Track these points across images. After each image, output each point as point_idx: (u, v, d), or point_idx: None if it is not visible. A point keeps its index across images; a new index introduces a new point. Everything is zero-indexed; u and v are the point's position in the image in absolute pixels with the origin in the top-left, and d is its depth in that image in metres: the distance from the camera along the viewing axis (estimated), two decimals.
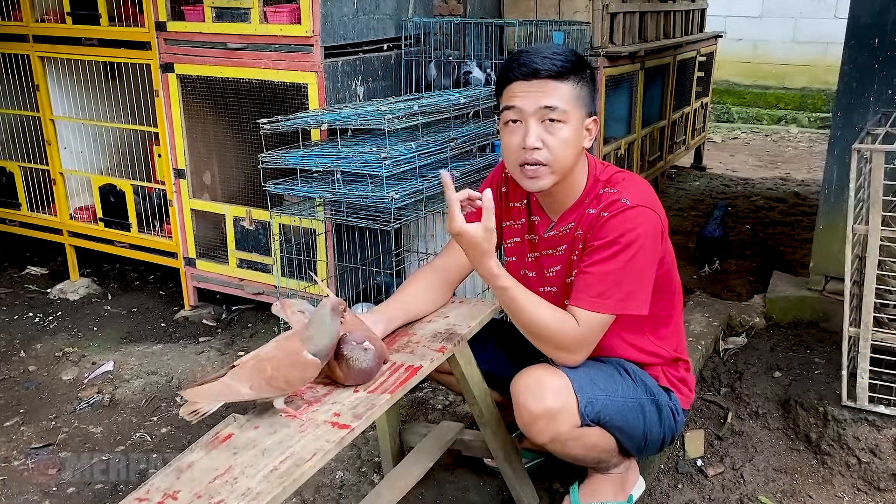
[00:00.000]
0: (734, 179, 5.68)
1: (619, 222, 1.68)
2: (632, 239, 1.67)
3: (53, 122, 3.57)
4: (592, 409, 1.70)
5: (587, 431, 1.72)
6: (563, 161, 1.68)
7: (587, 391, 1.69)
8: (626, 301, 1.68)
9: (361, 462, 2.32)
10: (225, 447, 1.43)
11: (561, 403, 1.67)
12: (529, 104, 1.65)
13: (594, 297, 1.66)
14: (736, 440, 2.42)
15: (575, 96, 1.66)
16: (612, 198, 1.72)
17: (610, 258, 1.67)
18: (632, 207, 1.69)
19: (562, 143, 1.66)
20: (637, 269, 1.68)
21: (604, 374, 1.75)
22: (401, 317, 1.82)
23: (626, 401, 1.75)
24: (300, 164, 2.54)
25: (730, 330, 3.00)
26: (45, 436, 2.59)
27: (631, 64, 3.98)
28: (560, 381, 1.68)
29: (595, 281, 1.67)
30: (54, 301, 3.70)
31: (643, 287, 1.70)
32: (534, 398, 1.67)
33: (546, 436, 1.69)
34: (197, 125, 3.29)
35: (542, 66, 1.63)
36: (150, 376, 2.94)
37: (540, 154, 1.67)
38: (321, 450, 1.39)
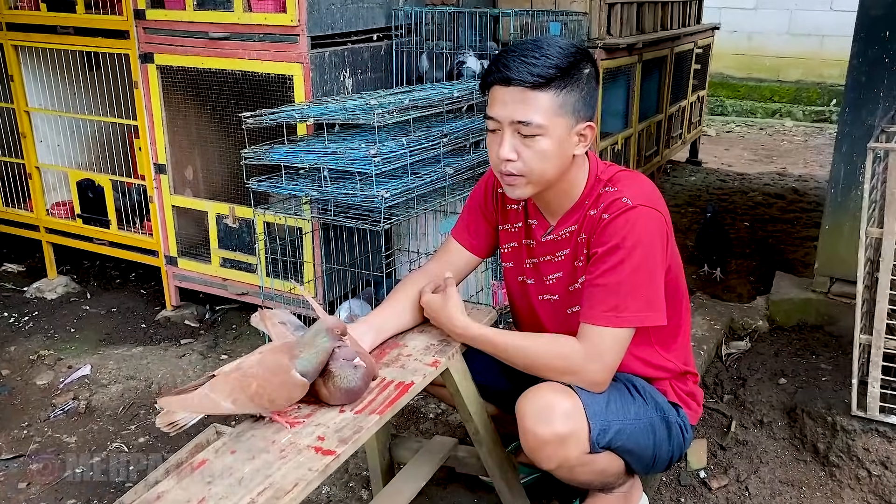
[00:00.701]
0: (730, 174, 5.58)
1: (621, 224, 1.56)
2: (636, 241, 1.55)
3: (28, 115, 3.42)
4: (605, 436, 1.58)
5: (597, 457, 1.61)
6: (539, 174, 1.57)
7: (601, 417, 1.58)
8: (645, 311, 1.56)
9: (349, 476, 2.20)
10: (199, 475, 1.31)
11: (571, 428, 1.55)
12: (505, 115, 1.54)
13: (608, 310, 1.55)
14: (740, 450, 2.33)
15: (557, 105, 1.53)
16: (613, 197, 1.60)
17: (617, 265, 1.55)
18: (633, 208, 1.57)
19: (537, 157, 1.55)
20: (648, 274, 1.56)
21: (617, 395, 1.64)
22: (390, 328, 1.71)
23: (637, 422, 1.64)
24: (285, 160, 2.42)
25: (732, 333, 2.90)
26: (15, 446, 2.46)
27: (628, 56, 3.87)
28: (570, 403, 1.56)
29: (606, 293, 1.55)
30: (31, 300, 3.55)
31: (658, 293, 1.59)
32: (542, 422, 1.55)
33: (554, 462, 1.58)
34: (178, 118, 3.15)
35: (516, 74, 1.51)
36: (129, 381, 2.81)
37: (514, 166, 1.56)
38: (303, 479, 1.27)
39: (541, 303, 1.77)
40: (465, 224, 1.83)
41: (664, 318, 1.60)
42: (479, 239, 1.82)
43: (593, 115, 1.62)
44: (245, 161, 2.50)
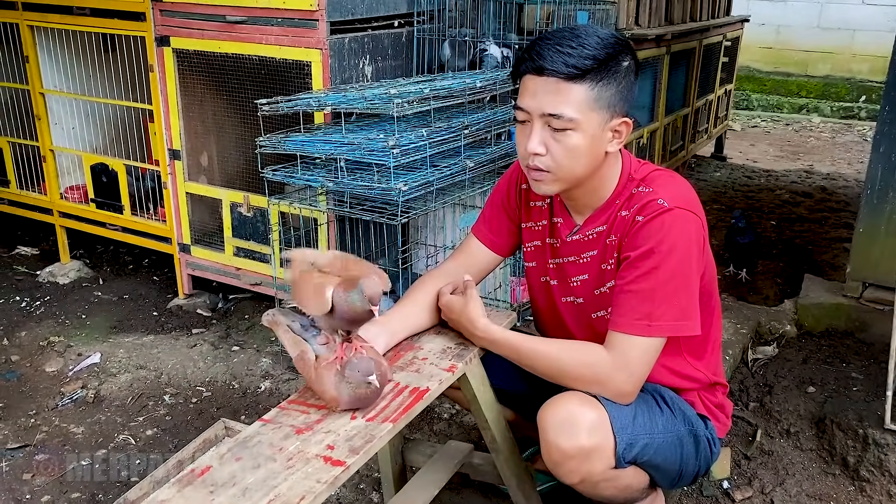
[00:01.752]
0: (756, 171, 5.45)
1: (656, 228, 1.47)
2: (672, 246, 1.46)
3: (44, 96, 3.37)
4: (631, 451, 1.50)
5: (622, 472, 1.52)
6: (567, 170, 1.49)
7: (628, 431, 1.49)
8: (680, 320, 1.48)
9: (360, 478, 2.14)
10: (201, 484, 1.24)
11: (596, 442, 1.46)
12: (535, 106, 1.45)
13: (640, 318, 1.46)
14: (765, 461, 2.24)
15: (592, 99, 1.43)
16: (648, 198, 1.51)
17: (651, 271, 1.46)
18: (669, 210, 1.47)
19: (567, 152, 1.46)
20: (683, 281, 1.47)
21: (644, 408, 1.55)
22: (404, 330, 1.63)
23: (665, 436, 1.55)
24: (301, 149, 2.34)
25: (758, 338, 2.80)
26: (22, 435, 2.41)
27: (656, 48, 3.76)
28: (595, 415, 1.47)
29: (639, 300, 1.46)
30: (43, 284, 3.51)
31: (693, 301, 1.50)
32: (566, 435, 1.46)
33: (577, 477, 1.50)
34: (194, 103, 3.08)
35: (550, 64, 1.42)
36: (139, 371, 2.76)
37: (542, 161, 1.48)
38: (311, 492, 1.20)
39: (565, 305, 1.68)
40: (487, 220, 1.75)
41: (698, 327, 1.51)
42: (500, 237, 1.74)
43: (630, 110, 1.53)
44: (260, 149, 2.43)
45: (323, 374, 1.38)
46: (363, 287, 1.35)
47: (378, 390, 1.38)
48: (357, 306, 1.36)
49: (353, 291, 1.36)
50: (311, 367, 1.41)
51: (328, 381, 1.37)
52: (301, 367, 1.44)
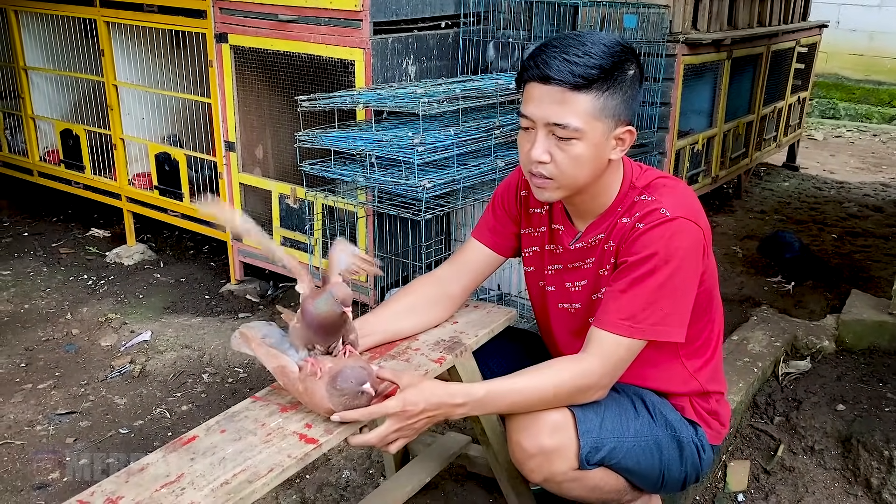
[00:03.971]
0: (828, 182, 5.25)
1: (657, 236, 1.47)
2: (670, 255, 1.46)
3: (116, 88, 3.59)
4: (596, 454, 1.51)
5: (587, 474, 1.53)
6: (571, 178, 1.49)
7: (593, 434, 1.50)
8: (661, 326, 1.48)
9: (370, 462, 2.21)
10: (185, 451, 1.33)
11: (557, 443, 1.48)
12: (540, 115, 1.46)
13: (624, 319, 1.47)
14: (785, 476, 2.19)
15: (598, 108, 1.44)
16: (650, 207, 1.51)
17: (644, 277, 1.46)
18: (672, 220, 1.47)
19: (571, 161, 1.47)
20: (675, 290, 1.48)
21: (616, 411, 1.55)
22: (379, 336, 1.64)
23: (638, 441, 1.55)
24: (335, 145, 2.43)
25: (794, 352, 2.72)
26: (70, 402, 2.60)
27: (715, 53, 3.68)
28: (559, 417, 1.49)
29: (626, 302, 1.47)
30: (109, 265, 3.75)
31: (681, 310, 1.50)
32: (527, 434, 1.49)
33: (539, 476, 1.52)
34: (250, 98, 3.23)
35: (556, 73, 1.42)
36: (184, 350, 2.92)
37: (545, 168, 1.48)
38: (279, 465, 1.27)
39: (558, 311, 1.70)
40: (486, 222, 1.78)
41: (683, 335, 1.51)
42: (502, 238, 1.76)
43: (634, 118, 1.54)
44: (299, 144, 2.54)
45: (312, 387, 1.37)
46: (333, 292, 1.39)
47: (372, 396, 1.38)
48: (324, 311, 1.39)
49: (321, 298, 1.40)
50: (295, 381, 1.40)
51: (319, 394, 1.36)
52: (284, 381, 1.43)
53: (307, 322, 1.41)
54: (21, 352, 2.93)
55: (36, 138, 4.09)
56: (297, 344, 1.46)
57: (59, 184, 4.08)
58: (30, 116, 4.06)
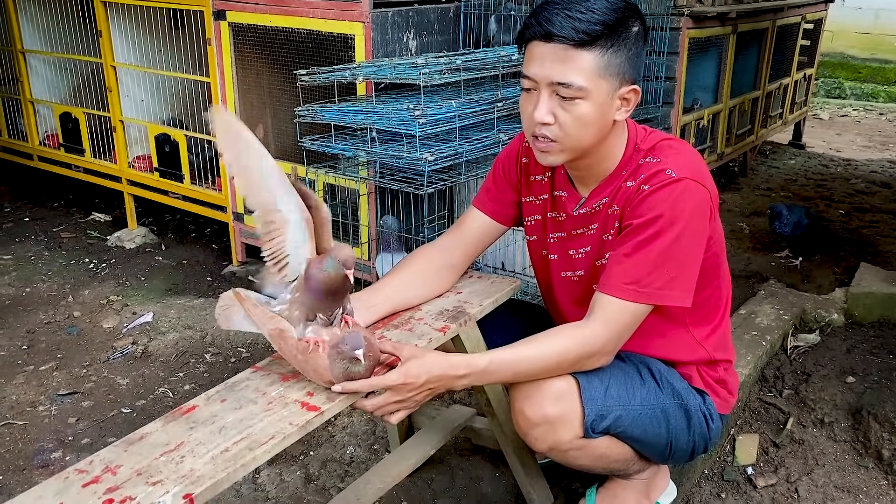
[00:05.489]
0: (835, 160, 5.20)
1: (662, 197, 1.44)
2: (676, 217, 1.42)
3: (115, 69, 3.56)
4: (601, 422, 1.48)
5: (593, 442, 1.51)
6: (575, 140, 1.45)
7: (598, 402, 1.47)
8: (666, 290, 1.44)
9: (375, 439, 2.19)
10: (184, 420, 1.31)
11: (561, 411, 1.46)
12: (543, 74, 1.41)
13: (629, 283, 1.43)
14: (794, 449, 2.16)
15: (602, 66, 1.40)
16: (655, 168, 1.47)
17: (650, 240, 1.43)
18: (677, 181, 1.44)
19: (576, 122, 1.43)
20: (681, 253, 1.44)
21: (622, 379, 1.53)
22: (385, 306, 1.61)
23: (644, 409, 1.53)
24: (336, 119, 2.40)
25: (802, 325, 2.69)
26: (73, 383, 2.58)
27: (721, 27, 3.63)
28: (563, 385, 1.46)
29: (631, 266, 1.44)
30: (111, 248, 3.72)
31: (688, 274, 1.46)
32: (530, 403, 1.46)
33: (544, 445, 1.50)
34: (249, 76, 3.19)
35: (559, 30, 1.38)
36: (186, 330, 2.89)
37: (549, 130, 1.44)
38: (280, 433, 1.25)
39: (561, 280, 1.67)
40: (487, 190, 1.74)
41: (689, 300, 1.47)
42: (503, 206, 1.73)
43: (638, 77, 1.50)
44: (298, 119, 2.50)
45: (314, 357, 1.34)
46: (336, 254, 1.35)
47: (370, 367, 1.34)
48: (331, 273, 1.35)
49: (326, 260, 1.36)
50: (293, 347, 1.36)
51: (320, 364, 1.33)
52: (281, 346, 1.39)
53: (312, 288, 1.38)
54: (23, 334, 2.91)
55: (35, 122, 4.07)
56: (299, 316, 1.42)
57: (60, 168, 4.06)
58: (28, 100, 4.03)
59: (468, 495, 1.96)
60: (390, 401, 1.37)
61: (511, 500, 1.94)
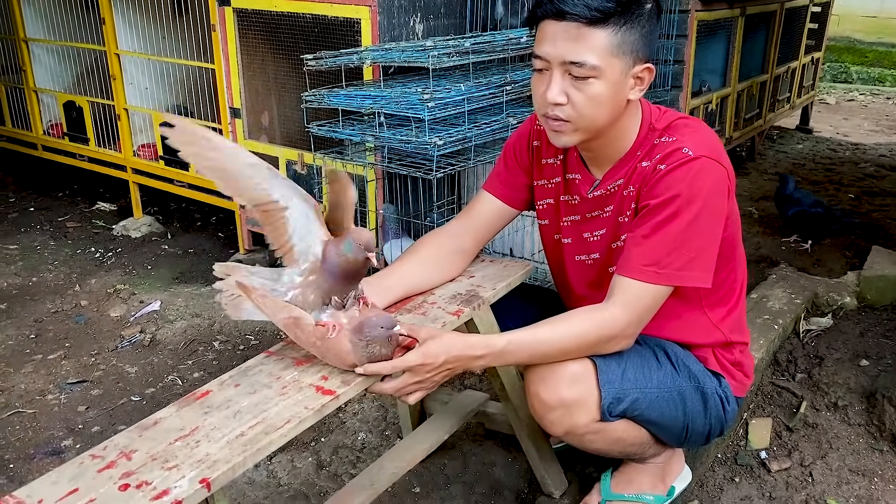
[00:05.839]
0: (843, 144, 5.17)
1: (680, 176, 1.41)
2: (693, 196, 1.40)
3: (118, 57, 3.53)
4: (618, 405, 1.47)
5: (609, 426, 1.49)
6: (589, 120, 1.43)
7: (615, 385, 1.46)
8: (686, 270, 1.42)
9: (386, 424, 2.18)
10: (198, 405, 1.30)
11: (577, 394, 1.44)
12: (555, 54, 1.39)
13: (648, 265, 1.41)
14: (808, 433, 2.15)
15: (615, 45, 1.37)
16: (671, 147, 1.45)
17: (668, 220, 1.41)
18: (695, 159, 1.41)
19: (589, 102, 1.40)
20: (700, 233, 1.42)
21: (638, 362, 1.51)
22: (397, 291, 1.59)
23: (661, 392, 1.51)
24: (343, 104, 2.37)
25: (814, 309, 2.67)
26: (82, 372, 2.57)
27: (729, 9, 3.59)
28: (579, 367, 1.45)
29: (649, 247, 1.42)
30: (117, 237, 3.71)
31: (707, 254, 1.44)
32: (546, 386, 1.45)
33: (560, 428, 1.48)
34: (254, 62, 3.16)
35: (571, 7, 1.35)
36: (194, 318, 2.88)
37: (562, 111, 1.42)
38: (296, 417, 1.23)
39: (575, 264, 1.65)
40: (498, 174, 1.72)
41: (709, 280, 1.46)
42: (514, 190, 1.70)
43: (652, 55, 1.48)
44: (305, 104, 2.48)
45: (334, 341, 1.31)
46: (354, 237, 1.34)
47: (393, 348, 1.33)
48: (350, 256, 1.33)
49: (345, 242, 1.34)
50: (310, 334, 1.33)
51: (342, 348, 1.31)
52: (297, 334, 1.35)
53: (329, 270, 1.36)
54: (30, 323, 2.90)
55: (39, 111, 4.05)
56: (314, 300, 1.40)
57: (64, 157, 4.04)
58: (32, 89, 4.01)
59: (481, 480, 1.95)
60: (409, 382, 1.36)
61: (524, 485, 1.93)
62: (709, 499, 1.94)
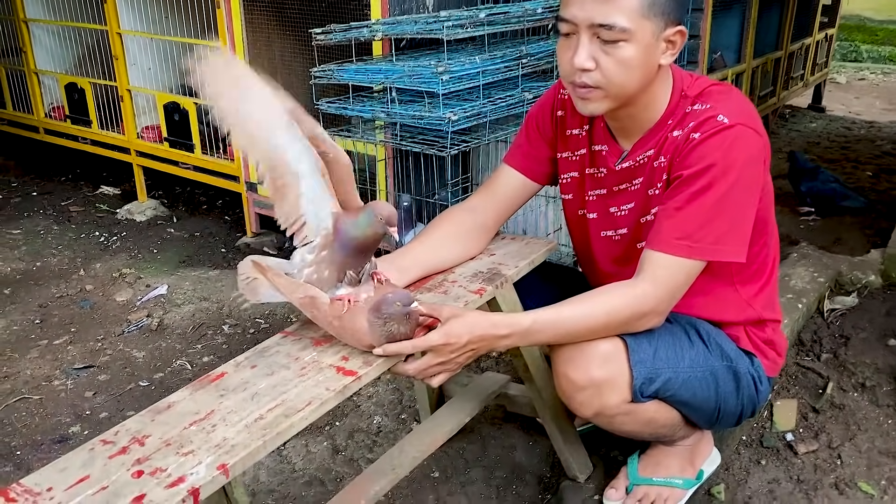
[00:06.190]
0: (857, 122, 5.08)
1: (715, 145, 1.34)
2: (729, 166, 1.33)
3: (121, 37, 3.46)
4: (650, 386, 1.40)
5: (641, 407, 1.43)
6: (620, 86, 1.35)
7: (647, 365, 1.39)
8: (721, 244, 1.35)
9: (402, 408, 2.12)
10: (213, 388, 1.24)
11: (608, 374, 1.38)
12: (583, 16, 1.31)
13: (680, 238, 1.34)
14: (835, 414, 2.09)
15: (646, 5, 1.30)
16: (705, 115, 1.37)
17: (702, 191, 1.34)
18: (730, 127, 1.34)
19: (619, 66, 1.33)
20: (735, 205, 1.35)
21: (670, 341, 1.44)
22: (416, 270, 1.52)
23: (694, 371, 1.45)
24: (353, 79, 2.30)
25: (838, 288, 2.61)
26: (88, 357, 2.51)
27: None
28: (609, 346, 1.38)
29: (682, 219, 1.35)
30: (121, 221, 3.65)
31: (741, 227, 1.38)
32: (575, 366, 1.39)
33: (590, 410, 1.42)
34: (260, 40, 3.09)
35: None
36: (202, 302, 2.83)
37: (590, 77, 1.34)
38: (317, 398, 1.17)
39: (601, 240, 1.58)
40: (519, 146, 1.64)
41: (744, 255, 1.39)
42: (536, 163, 1.63)
43: (684, 17, 1.40)
44: (314, 80, 2.41)
45: (351, 320, 1.24)
46: (375, 210, 1.26)
47: (413, 328, 1.27)
48: (368, 231, 1.27)
49: (363, 215, 1.27)
50: (326, 313, 1.27)
51: (359, 327, 1.24)
52: (314, 314, 1.29)
53: (345, 245, 1.29)
54: (35, 309, 2.85)
55: (40, 94, 3.98)
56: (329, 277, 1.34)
57: (66, 140, 3.97)
58: (33, 71, 3.94)
59: (502, 464, 1.89)
60: (432, 363, 1.29)
61: (546, 469, 1.87)
62: (735, 482, 1.88)
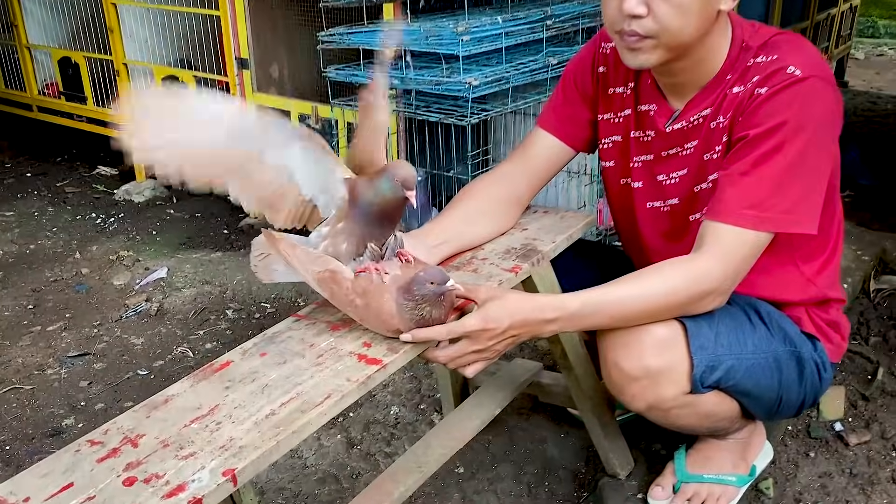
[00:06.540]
0: (882, 97, 4.91)
1: (786, 100, 1.18)
2: (802, 124, 1.17)
3: (115, 7, 3.28)
4: (711, 374, 1.25)
5: (700, 398, 1.28)
6: (674, 34, 1.18)
7: (709, 351, 1.24)
8: (792, 214, 1.19)
9: (421, 397, 1.97)
10: (217, 378, 1.08)
11: (666, 363, 1.23)
12: None
13: (747, 207, 1.18)
14: (887, 402, 1.94)
15: None
16: (773, 67, 1.21)
17: (771, 153, 1.18)
18: (802, 80, 1.17)
19: (674, 11, 1.16)
20: (808, 169, 1.19)
21: (731, 324, 1.28)
22: (445, 248, 1.36)
23: (757, 358, 1.29)
24: (364, 42, 2.13)
25: (883, 267, 2.45)
26: (83, 344, 2.36)
27: None
28: (666, 331, 1.23)
29: (749, 186, 1.19)
30: (119, 202, 3.49)
31: (814, 195, 1.22)
32: (628, 353, 1.23)
33: (643, 402, 1.27)
34: (263, 7, 2.92)
35: None
36: (204, 286, 2.67)
37: (641, 25, 1.18)
38: (338, 391, 1.02)
39: (646, 212, 1.42)
40: (554, 108, 1.47)
41: (815, 226, 1.23)
42: (574, 126, 1.46)
43: None
44: (322, 45, 2.24)
45: (378, 301, 1.10)
46: (393, 172, 1.11)
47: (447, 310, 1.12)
48: (388, 195, 1.12)
49: (381, 179, 1.12)
50: (349, 290, 1.13)
51: (386, 310, 1.10)
52: (334, 291, 1.15)
53: (362, 211, 1.13)
54: (28, 293, 2.70)
55: (33, 70, 3.80)
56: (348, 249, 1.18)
57: (61, 118, 3.80)
58: (25, 46, 3.76)
59: (532, 459, 1.74)
60: (468, 350, 1.14)
61: (581, 464, 1.72)
62: (783, 476, 1.73)
